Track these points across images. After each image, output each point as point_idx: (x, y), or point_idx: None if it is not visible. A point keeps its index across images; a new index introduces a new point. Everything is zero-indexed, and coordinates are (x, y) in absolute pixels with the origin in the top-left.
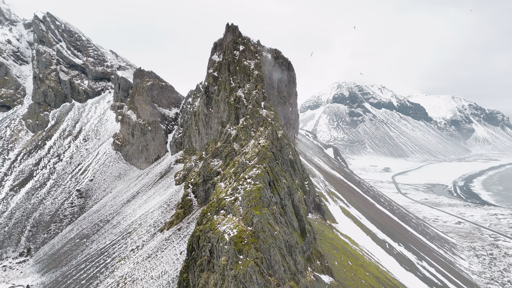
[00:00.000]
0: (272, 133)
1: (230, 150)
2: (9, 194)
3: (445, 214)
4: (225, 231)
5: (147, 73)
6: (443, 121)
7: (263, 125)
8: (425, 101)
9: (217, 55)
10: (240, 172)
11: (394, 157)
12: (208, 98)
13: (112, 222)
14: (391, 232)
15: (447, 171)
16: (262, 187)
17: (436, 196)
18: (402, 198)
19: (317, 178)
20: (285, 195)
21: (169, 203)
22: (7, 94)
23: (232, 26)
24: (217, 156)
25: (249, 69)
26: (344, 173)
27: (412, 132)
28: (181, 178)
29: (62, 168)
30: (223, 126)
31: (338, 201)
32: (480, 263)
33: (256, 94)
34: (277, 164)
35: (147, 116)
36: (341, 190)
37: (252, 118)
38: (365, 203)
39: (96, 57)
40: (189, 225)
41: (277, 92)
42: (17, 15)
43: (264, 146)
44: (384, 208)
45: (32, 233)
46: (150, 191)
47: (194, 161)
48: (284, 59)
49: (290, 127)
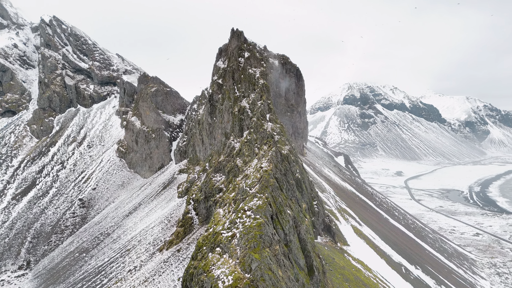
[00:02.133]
0: (276, 155)
1: (233, 166)
2: (11, 203)
3: (462, 225)
4: (220, 277)
5: (152, 78)
6: (457, 123)
7: (267, 143)
8: (438, 102)
9: (221, 61)
10: (239, 201)
11: (406, 160)
12: (212, 106)
13: (113, 235)
14: (407, 253)
15: (462, 175)
16: (263, 222)
17: (451, 203)
18: (415, 205)
19: (327, 193)
20: (290, 229)
21: (170, 219)
22: (13, 99)
23: (237, 31)
24: (219, 171)
25: (254, 78)
26: (356, 184)
27: (425, 134)
28: (184, 191)
29: (65, 176)
30: (227, 137)
31: (350, 219)
32: (503, 283)
33: (261, 105)
34: (282, 192)
35: (151, 123)
36: (353, 205)
37: (256, 132)
38: (378, 219)
39: (102, 61)
40: (189, 247)
41: (285, 100)
42: (25, 19)
43: (266, 171)
44: (399, 224)
45: (33, 244)
46: (152, 203)
47: (197, 173)
48: (292, 65)
49: (298, 136)
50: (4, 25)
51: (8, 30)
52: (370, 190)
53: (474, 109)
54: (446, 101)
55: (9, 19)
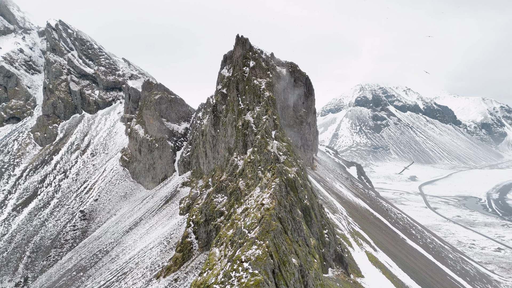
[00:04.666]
0: (280, 189)
1: (235, 188)
2: (12, 215)
3: (481, 238)
4: None
5: (155, 85)
6: (473, 125)
7: (270, 169)
8: (453, 103)
9: (226, 69)
10: (237, 245)
11: (420, 163)
12: (215, 118)
13: (111, 254)
14: (427, 283)
15: (479, 180)
16: (262, 281)
17: (469, 212)
18: (431, 214)
19: (339, 214)
20: (295, 283)
21: (169, 240)
22: (17, 106)
23: (242, 38)
24: (221, 191)
25: (260, 90)
26: (369, 199)
27: (440, 137)
28: (185, 208)
29: (67, 186)
30: (230, 153)
31: (364, 244)
32: None
33: (266, 121)
34: (286, 235)
35: (154, 132)
36: (367, 226)
37: (260, 153)
38: (395, 241)
39: (107, 65)
40: (187, 276)
41: (293, 111)
42: (32, 23)
43: (268, 209)
44: (417, 244)
45: (31, 259)
46: (153, 219)
47: (199, 188)
48: (301, 74)
49: (307, 149)
50: (11, 30)
51: (14, 35)
52: (385, 205)
53: (490, 110)
54: (461, 102)
55: (15, 23)
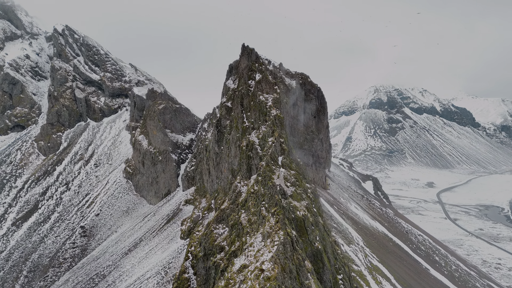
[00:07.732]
0: (285, 248)
1: (236, 221)
2: (11, 230)
3: (508, 256)
4: None
5: (160, 94)
6: (492, 127)
7: (275, 213)
8: (471, 104)
9: (231, 80)
10: None
11: (438, 168)
12: (220, 133)
13: (108, 279)
14: None
15: (500, 187)
16: None
17: (492, 224)
18: (452, 227)
19: (355, 245)
20: None
21: (167, 271)
22: (22, 113)
23: (247, 48)
24: (222, 221)
25: (266, 107)
26: (387, 221)
27: (458, 140)
28: (186, 232)
29: (69, 199)
30: (233, 175)
31: (383, 282)
32: None
33: (273, 145)
34: None
35: (158, 144)
36: (386, 258)
37: (264, 185)
38: (417, 274)
39: (114, 71)
40: None
41: (304, 127)
42: (40, 28)
43: (269, 279)
44: (441, 274)
45: (28, 279)
46: (154, 241)
47: (201, 210)
48: (312, 86)
49: (319, 166)
50: (18, 35)
51: (21, 40)
52: (404, 226)
53: (511, 112)
54: (480, 103)
55: (23, 28)
